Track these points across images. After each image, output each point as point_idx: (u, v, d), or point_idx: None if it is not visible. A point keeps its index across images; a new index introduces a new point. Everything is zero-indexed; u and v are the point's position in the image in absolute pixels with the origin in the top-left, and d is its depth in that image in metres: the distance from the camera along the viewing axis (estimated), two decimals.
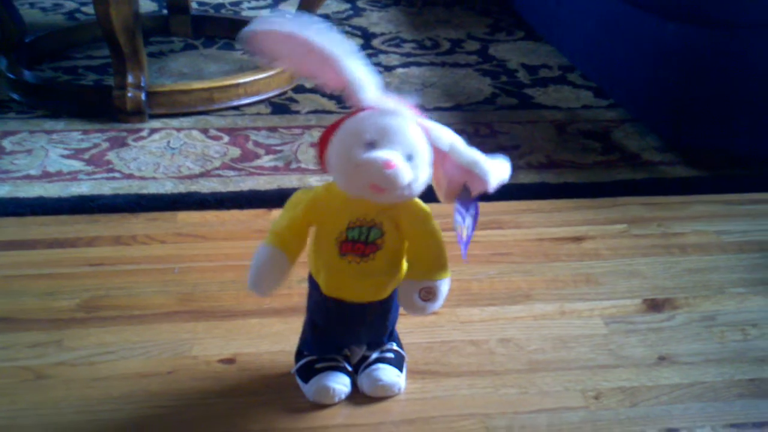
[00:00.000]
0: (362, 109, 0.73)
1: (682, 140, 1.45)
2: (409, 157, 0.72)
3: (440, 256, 0.79)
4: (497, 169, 0.76)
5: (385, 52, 2.02)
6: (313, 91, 1.74)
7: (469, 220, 0.77)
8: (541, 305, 1.04)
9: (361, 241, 0.77)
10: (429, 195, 0.78)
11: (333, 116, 1.58)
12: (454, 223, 0.75)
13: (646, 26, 1.42)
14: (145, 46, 1.64)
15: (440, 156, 0.75)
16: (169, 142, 1.48)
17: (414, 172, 0.72)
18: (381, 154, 0.70)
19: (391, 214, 0.77)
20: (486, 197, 0.74)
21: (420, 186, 0.74)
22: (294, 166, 1.40)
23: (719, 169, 1.41)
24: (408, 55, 2.01)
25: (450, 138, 0.75)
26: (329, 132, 0.74)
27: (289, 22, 0.71)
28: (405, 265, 0.81)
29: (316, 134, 1.50)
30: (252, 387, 0.88)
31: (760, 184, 1.38)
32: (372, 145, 0.71)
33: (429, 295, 0.79)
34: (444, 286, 0.79)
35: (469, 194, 0.76)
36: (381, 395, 0.86)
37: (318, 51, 0.71)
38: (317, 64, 0.72)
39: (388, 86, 1.77)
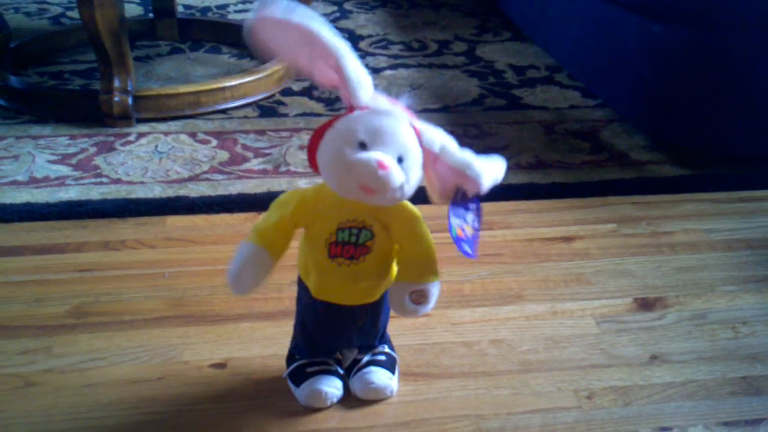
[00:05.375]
0: (355, 109, 0.73)
1: (670, 139, 1.45)
2: (401, 159, 0.71)
3: (430, 260, 0.79)
4: (490, 170, 0.76)
5: (373, 54, 2.02)
6: (301, 93, 1.73)
7: (471, 216, 0.76)
8: (532, 305, 1.04)
9: (350, 243, 0.76)
10: (422, 198, 0.78)
11: (321, 119, 1.58)
12: (450, 228, 0.74)
13: (632, 26, 1.43)
14: (132, 50, 1.64)
15: (432, 158, 0.75)
16: (156, 146, 1.48)
17: (405, 174, 0.71)
18: (373, 154, 0.70)
19: (381, 217, 0.76)
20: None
21: (411, 188, 0.73)
22: (283, 169, 1.39)
23: (707, 168, 1.42)
24: (395, 56, 2.00)
25: (441, 140, 0.74)
26: (320, 132, 0.73)
27: (295, 12, 0.69)
28: (395, 267, 0.80)
29: (305, 137, 1.50)
30: (244, 392, 0.87)
31: (748, 182, 1.38)
32: (363, 145, 0.71)
33: (420, 298, 0.79)
34: (435, 289, 0.79)
35: (465, 196, 0.76)
36: (373, 398, 0.86)
37: (321, 44, 0.70)
38: (316, 58, 0.71)
39: (375, 88, 1.76)
